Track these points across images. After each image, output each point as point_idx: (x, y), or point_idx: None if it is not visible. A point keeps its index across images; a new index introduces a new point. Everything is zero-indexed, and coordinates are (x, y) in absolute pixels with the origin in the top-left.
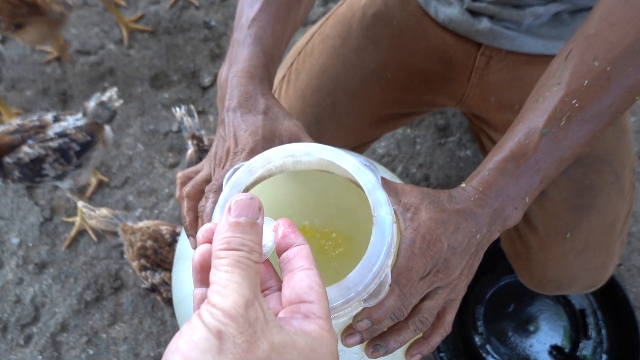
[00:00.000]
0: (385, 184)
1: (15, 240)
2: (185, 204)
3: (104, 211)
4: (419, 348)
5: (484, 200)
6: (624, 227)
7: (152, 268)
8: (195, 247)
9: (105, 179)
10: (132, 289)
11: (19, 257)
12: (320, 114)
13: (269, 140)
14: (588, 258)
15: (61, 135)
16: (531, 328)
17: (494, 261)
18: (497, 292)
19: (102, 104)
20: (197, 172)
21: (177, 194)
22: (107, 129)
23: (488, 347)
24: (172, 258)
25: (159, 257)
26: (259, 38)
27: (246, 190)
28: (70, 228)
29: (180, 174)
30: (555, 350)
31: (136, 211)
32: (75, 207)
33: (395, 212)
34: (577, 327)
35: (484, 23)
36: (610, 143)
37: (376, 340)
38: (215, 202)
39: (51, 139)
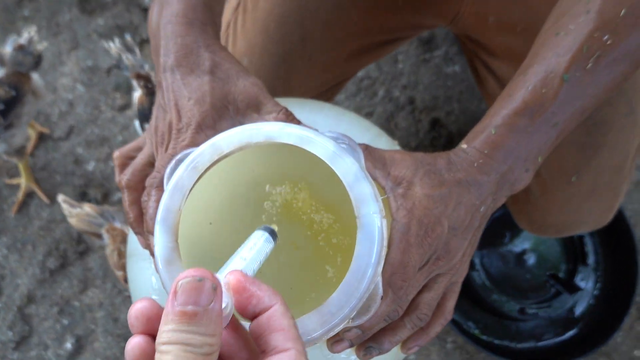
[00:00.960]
0: (370, 154)
1: None
2: (126, 197)
3: (87, 208)
4: (416, 340)
5: (490, 164)
6: (633, 163)
7: None
8: (144, 246)
9: (46, 130)
10: (100, 251)
11: None
12: (287, 51)
13: (220, 108)
14: (594, 202)
15: None
16: (527, 258)
17: None
18: (492, 223)
19: (21, 49)
20: (138, 149)
21: (117, 179)
22: (35, 76)
23: (485, 281)
24: None
25: None
26: None
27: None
28: (16, 189)
29: (117, 154)
30: (552, 278)
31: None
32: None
33: (382, 188)
34: (574, 254)
35: None
36: None
37: (368, 342)
38: (158, 201)
39: None
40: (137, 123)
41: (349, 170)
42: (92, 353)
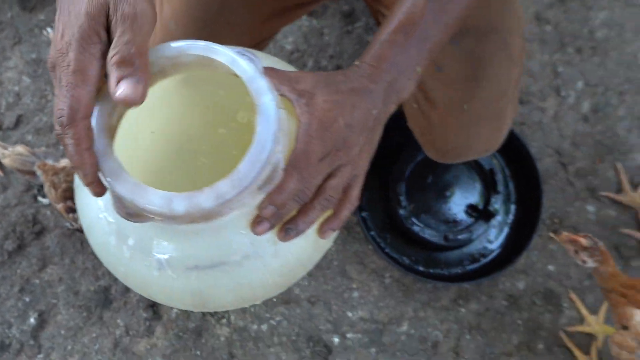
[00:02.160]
0: (276, 73)
1: None
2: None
3: (19, 148)
4: (329, 224)
5: (378, 74)
6: (514, 92)
7: None
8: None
9: None
10: (55, 230)
11: None
12: (208, 17)
13: (97, 21)
14: (483, 126)
15: None
16: (448, 193)
17: (411, 138)
18: (416, 167)
19: None
20: None
21: None
22: None
23: (413, 218)
24: None
25: None
26: None
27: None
28: None
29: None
30: (470, 208)
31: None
32: None
33: (290, 100)
34: (487, 185)
35: None
36: (497, 11)
37: (286, 225)
38: (73, 140)
39: None
40: None
41: (246, 69)
42: (55, 326)
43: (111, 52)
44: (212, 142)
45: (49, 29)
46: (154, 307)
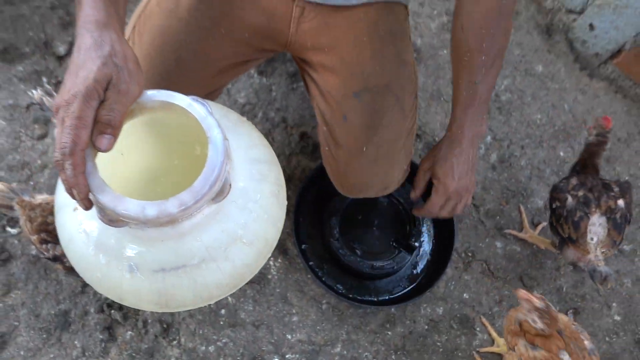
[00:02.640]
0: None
1: None
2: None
3: (0, 185)
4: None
5: (465, 135)
6: (407, 140)
7: (53, 241)
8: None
9: None
10: (21, 257)
11: None
12: (166, 71)
13: (101, 85)
14: (379, 166)
15: None
16: (375, 228)
17: None
18: (348, 205)
19: None
20: None
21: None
22: None
23: (345, 249)
24: None
25: None
26: None
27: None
28: None
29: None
30: (394, 241)
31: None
32: None
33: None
34: (410, 222)
35: None
36: (391, 73)
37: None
38: (72, 166)
39: None
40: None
41: (199, 111)
42: (15, 347)
43: (103, 111)
44: (170, 169)
45: (33, 91)
46: (109, 330)
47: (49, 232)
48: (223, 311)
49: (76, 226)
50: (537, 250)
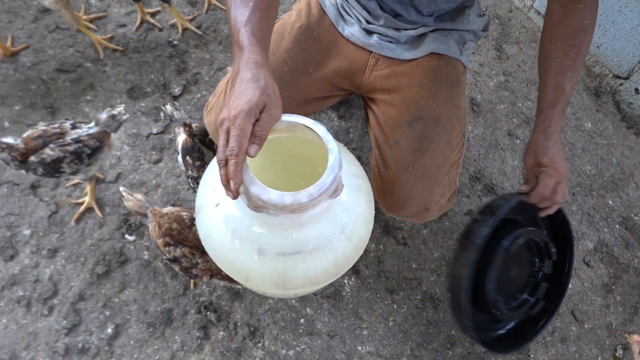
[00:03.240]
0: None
1: (26, 232)
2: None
3: (139, 196)
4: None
5: (556, 128)
6: (451, 170)
7: (174, 244)
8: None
9: (100, 176)
10: (136, 261)
11: (32, 245)
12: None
13: (258, 107)
14: (421, 183)
15: (77, 141)
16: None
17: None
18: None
19: (113, 117)
20: None
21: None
22: (113, 136)
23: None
24: (191, 237)
25: (181, 236)
26: (254, 34)
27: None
28: (76, 209)
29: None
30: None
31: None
32: (80, 194)
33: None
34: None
35: (374, 39)
36: (443, 111)
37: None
38: (235, 164)
39: (68, 144)
40: (180, 158)
41: (320, 130)
42: (126, 337)
43: (257, 128)
44: (292, 180)
45: (166, 106)
46: (205, 329)
47: (172, 237)
48: (302, 320)
49: (216, 219)
50: (587, 288)
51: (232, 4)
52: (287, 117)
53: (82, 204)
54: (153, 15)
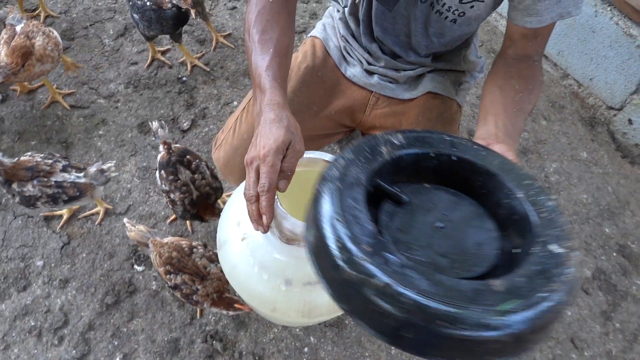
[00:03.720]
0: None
1: (39, 263)
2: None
3: (141, 227)
4: None
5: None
6: None
7: (175, 272)
8: (259, 224)
9: (110, 207)
10: (144, 291)
11: (44, 276)
12: None
13: (285, 145)
14: None
15: (58, 185)
16: None
17: None
18: None
19: (101, 171)
20: None
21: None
22: (100, 188)
23: None
24: (190, 265)
25: (181, 264)
26: (275, 78)
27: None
28: (85, 249)
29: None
30: None
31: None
32: (91, 226)
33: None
34: None
35: (375, 79)
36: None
37: None
38: (266, 200)
39: (49, 186)
40: (157, 173)
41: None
42: None
43: (285, 164)
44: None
45: (152, 122)
46: (211, 358)
47: (172, 265)
48: (306, 349)
49: (243, 253)
50: (586, 315)
51: (252, 51)
52: (308, 154)
53: (97, 213)
54: (164, 53)
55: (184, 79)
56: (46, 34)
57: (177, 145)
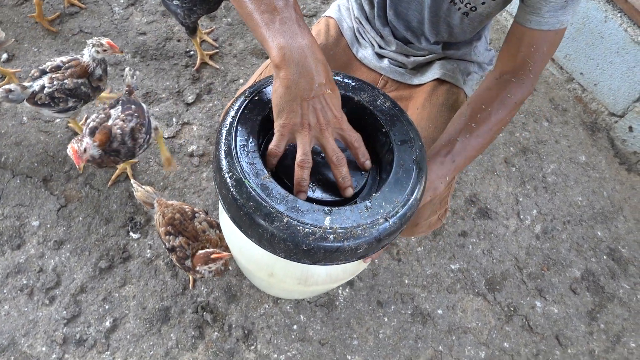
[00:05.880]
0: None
1: (35, 223)
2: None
3: (148, 187)
4: None
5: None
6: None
7: (174, 234)
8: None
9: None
10: (138, 258)
11: (39, 236)
12: None
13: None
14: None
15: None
16: None
17: None
18: None
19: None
20: None
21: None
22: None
23: None
24: (191, 229)
25: (182, 226)
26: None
27: None
28: (82, 212)
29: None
30: None
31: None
32: (88, 190)
33: None
34: None
35: (385, 63)
36: (440, 132)
37: None
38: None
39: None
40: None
41: None
42: (123, 331)
43: None
44: None
45: (126, 68)
46: (200, 328)
47: (173, 226)
48: (295, 326)
49: (259, 253)
50: (572, 314)
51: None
52: None
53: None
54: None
55: (191, 52)
56: None
57: (135, 93)
